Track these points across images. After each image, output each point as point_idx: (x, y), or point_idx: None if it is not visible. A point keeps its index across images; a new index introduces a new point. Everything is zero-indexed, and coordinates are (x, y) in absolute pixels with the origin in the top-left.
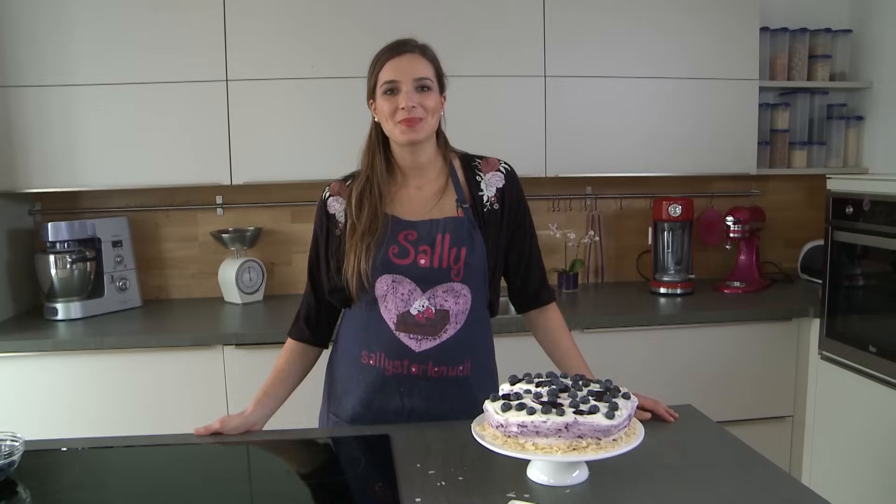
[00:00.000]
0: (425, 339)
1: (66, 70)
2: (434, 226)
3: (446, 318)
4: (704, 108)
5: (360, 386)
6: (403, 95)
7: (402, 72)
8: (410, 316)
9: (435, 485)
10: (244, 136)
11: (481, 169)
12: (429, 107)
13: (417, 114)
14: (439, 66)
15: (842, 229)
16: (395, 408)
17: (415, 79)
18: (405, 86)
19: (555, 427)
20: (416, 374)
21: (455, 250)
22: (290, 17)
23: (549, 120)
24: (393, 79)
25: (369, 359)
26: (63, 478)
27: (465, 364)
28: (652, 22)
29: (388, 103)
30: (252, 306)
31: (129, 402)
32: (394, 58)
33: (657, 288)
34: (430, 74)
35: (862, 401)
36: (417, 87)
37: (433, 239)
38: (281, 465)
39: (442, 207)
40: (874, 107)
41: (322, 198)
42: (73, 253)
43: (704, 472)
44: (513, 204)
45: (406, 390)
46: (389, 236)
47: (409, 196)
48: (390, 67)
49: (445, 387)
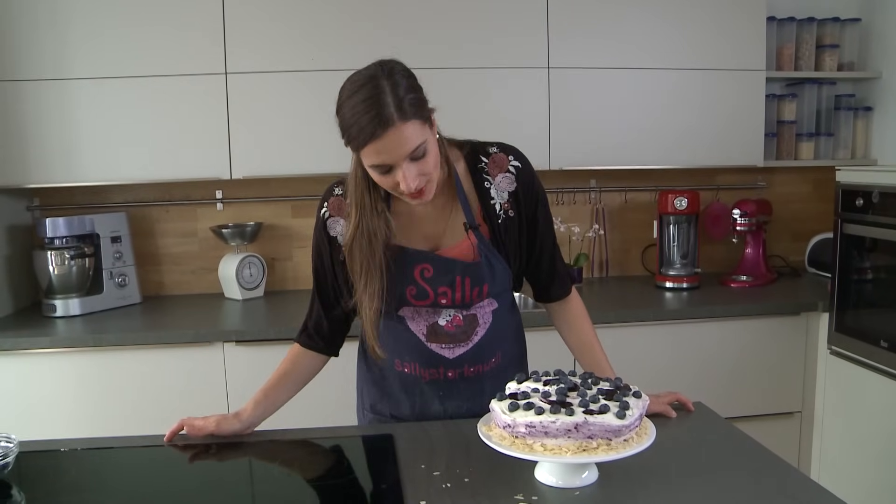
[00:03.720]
0: (458, 346)
1: (63, 64)
2: (451, 266)
3: (475, 322)
4: (710, 100)
5: (398, 389)
6: (402, 178)
7: (390, 154)
8: (440, 327)
9: (440, 486)
10: (244, 129)
11: (489, 172)
12: (430, 169)
13: (421, 184)
14: (421, 107)
15: (851, 222)
16: (436, 411)
17: (407, 155)
18: (399, 166)
19: (564, 427)
20: (453, 377)
21: (477, 289)
22: (290, 8)
23: (553, 112)
24: (381, 163)
25: (403, 367)
26: (60, 479)
27: (496, 357)
28: (657, 12)
29: (385, 179)
30: (252, 302)
31: (129, 399)
32: (373, 140)
33: (663, 282)
34: (419, 138)
35: (872, 396)
36: (412, 158)
37: (452, 280)
38: (283, 465)
39: (453, 231)
40: (883, 97)
41: (321, 217)
42: (71, 249)
43: (717, 473)
44: (528, 203)
45: (445, 394)
46: (405, 274)
47: (417, 219)
48: (373, 151)
49: (482, 383)
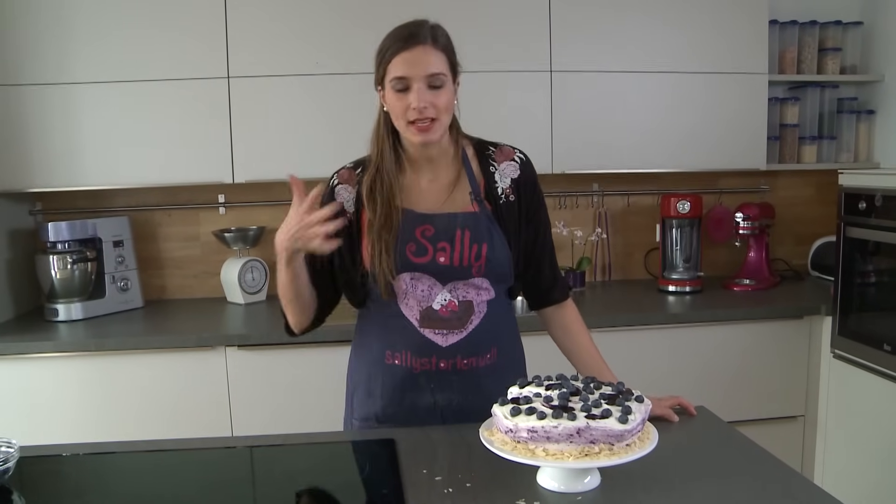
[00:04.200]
0: (451, 332)
1: (66, 68)
2: (452, 220)
3: (471, 309)
4: (713, 103)
5: (386, 386)
6: (414, 94)
7: (412, 67)
8: (434, 311)
9: (442, 491)
10: (246, 133)
11: (495, 158)
12: (441, 105)
13: (429, 114)
14: (452, 53)
15: (854, 225)
16: (427, 405)
17: (426, 76)
18: (416, 83)
19: (566, 432)
20: (446, 368)
21: (476, 247)
22: (293, 12)
23: (556, 115)
24: (403, 75)
25: (394, 358)
26: (61, 484)
27: (492, 352)
28: (659, 15)
29: (399, 101)
30: (255, 306)
31: (131, 403)
32: (404, 51)
33: (665, 286)
34: (442, 68)
35: (875, 400)
36: (429, 84)
37: (452, 235)
38: (285, 470)
39: (455, 200)
40: (886, 100)
41: (329, 185)
42: (73, 253)
43: (720, 478)
44: (528, 195)
45: (437, 386)
46: (405, 232)
47: (422, 188)
48: (400, 61)
49: (477, 378)
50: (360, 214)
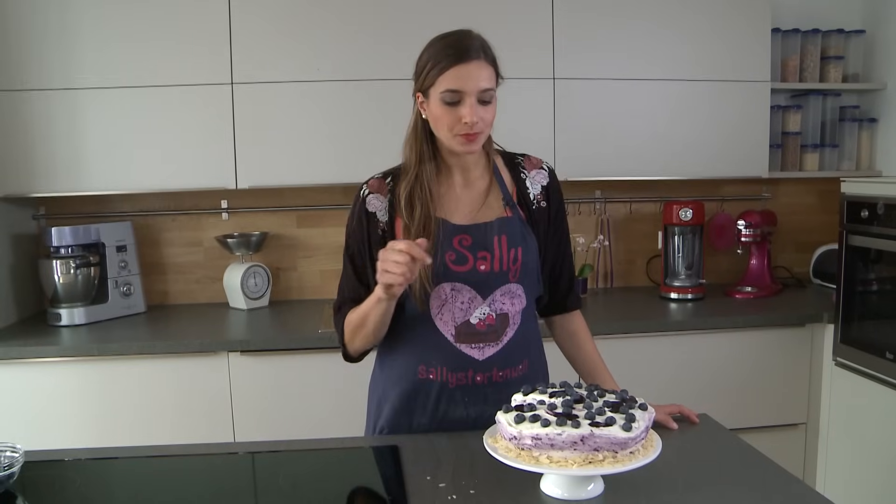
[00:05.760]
0: (487, 345)
1: (70, 74)
2: (488, 229)
3: (506, 321)
4: (715, 111)
5: (420, 401)
6: (468, 109)
7: (467, 82)
8: (470, 326)
9: (446, 498)
10: (249, 139)
11: (525, 167)
12: (488, 120)
13: (479, 129)
14: (497, 66)
15: (856, 233)
16: (460, 417)
17: (480, 91)
18: (469, 98)
19: (570, 440)
20: (482, 382)
21: (513, 252)
22: (295, 19)
23: (558, 123)
24: (457, 88)
25: (429, 373)
26: (65, 489)
27: (524, 363)
28: (661, 23)
29: (448, 114)
30: (257, 312)
31: (134, 408)
32: (458, 64)
33: (668, 293)
34: (492, 83)
35: (878, 408)
36: (479, 99)
37: (490, 243)
38: (288, 476)
39: (490, 207)
40: (888, 108)
41: (361, 195)
42: (77, 258)
43: (723, 485)
44: (556, 203)
45: (471, 399)
46: (444, 242)
47: (457, 197)
48: (454, 75)
49: (509, 390)
50: (394, 223)
